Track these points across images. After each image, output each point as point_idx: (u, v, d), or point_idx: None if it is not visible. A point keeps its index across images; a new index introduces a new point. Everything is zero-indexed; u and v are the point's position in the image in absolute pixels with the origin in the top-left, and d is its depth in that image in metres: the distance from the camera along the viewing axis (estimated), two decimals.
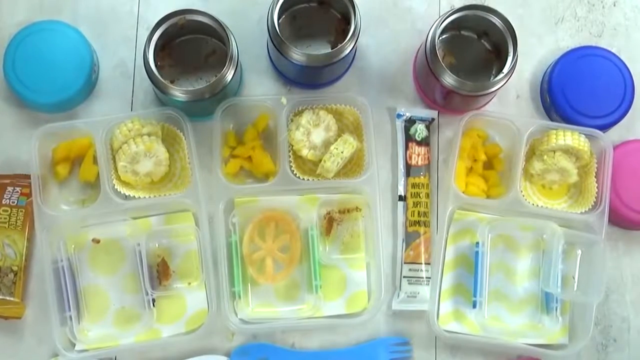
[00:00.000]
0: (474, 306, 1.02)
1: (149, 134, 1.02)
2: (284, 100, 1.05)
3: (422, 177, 1.06)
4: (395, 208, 1.07)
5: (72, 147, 1.04)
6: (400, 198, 1.07)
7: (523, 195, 1.05)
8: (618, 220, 1.07)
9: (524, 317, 1.05)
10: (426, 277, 1.04)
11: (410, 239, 1.05)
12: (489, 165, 1.08)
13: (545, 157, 1.05)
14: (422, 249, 1.05)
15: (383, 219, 1.05)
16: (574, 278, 1.05)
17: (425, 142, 1.08)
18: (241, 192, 1.04)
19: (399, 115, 1.08)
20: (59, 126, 1.04)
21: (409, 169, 1.07)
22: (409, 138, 1.08)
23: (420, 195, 1.06)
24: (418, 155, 1.07)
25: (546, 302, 1.05)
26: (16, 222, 1.03)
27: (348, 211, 1.05)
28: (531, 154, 1.07)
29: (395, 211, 1.07)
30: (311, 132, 1.04)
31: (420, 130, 1.07)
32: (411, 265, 1.05)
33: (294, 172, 1.04)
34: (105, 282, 1.03)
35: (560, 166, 1.05)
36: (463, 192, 1.05)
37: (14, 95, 1.06)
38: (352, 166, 1.06)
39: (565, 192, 1.09)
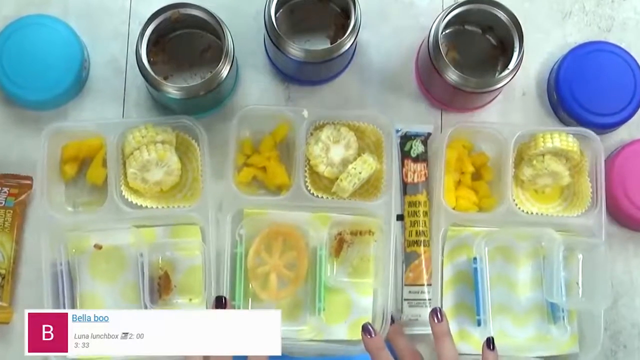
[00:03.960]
0: (479, 324, 1.02)
1: (162, 142, 1.01)
2: (305, 112, 1.03)
3: (419, 194, 1.06)
4: (394, 227, 1.06)
5: (82, 147, 1.05)
6: (398, 217, 1.07)
7: (516, 204, 1.05)
8: (627, 221, 1.08)
9: (530, 329, 1.05)
10: (428, 299, 1.04)
11: (409, 260, 1.05)
12: (477, 175, 1.08)
13: (534, 162, 1.05)
14: (423, 269, 1.05)
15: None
16: (578, 284, 1.06)
17: (421, 158, 1.07)
18: (251, 203, 1.04)
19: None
20: (70, 126, 1.05)
21: (405, 187, 1.07)
22: (404, 155, 1.07)
23: (418, 214, 1.06)
24: (414, 172, 1.07)
25: (552, 312, 1.05)
26: (4, 224, 1.03)
27: (360, 234, 1.05)
28: (520, 159, 1.07)
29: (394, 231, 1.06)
30: (330, 148, 1.04)
31: (415, 146, 1.07)
32: (411, 287, 1.05)
33: (308, 188, 1.03)
34: (103, 290, 1.03)
35: (551, 169, 1.05)
36: (454, 208, 1.05)
37: (1, 92, 1.07)
38: (369, 187, 1.06)
39: (559, 195, 1.09)
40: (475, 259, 1.04)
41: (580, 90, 1.08)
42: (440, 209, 1.04)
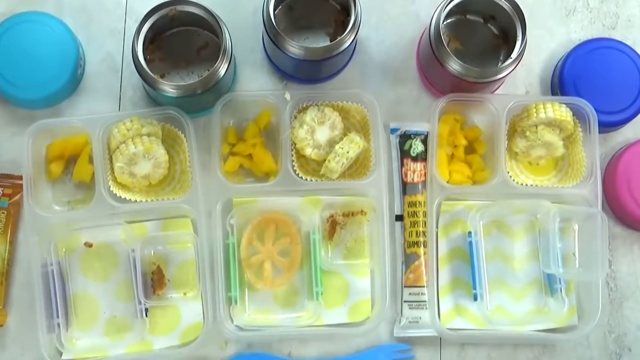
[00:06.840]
0: (475, 299, 1.04)
1: (148, 135, 1.03)
2: (287, 95, 1.06)
3: (419, 194, 1.07)
4: (393, 228, 1.09)
5: (68, 145, 1.06)
6: (398, 218, 1.08)
7: (510, 176, 1.07)
8: (632, 222, 1.10)
9: (528, 302, 1.07)
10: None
11: (409, 261, 1.07)
12: (470, 149, 1.10)
13: (527, 133, 1.07)
14: (423, 270, 1.06)
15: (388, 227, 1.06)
16: (574, 255, 1.07)
17: (421, 157, 1.08)
18: (240, 191, 1.06)
19: (393, 130, 1.10)
20: (54, 122, 1.05)
21: (404, 187, 1.08)
22: (404, 154, 1.09)
23: (418, 214, 1.07)
24: (413, 171, 1.08)
25: (549, 284, 1.07)
26: None
27: (352, 214, 1.07)
28: (513, 131, 1.09)
29: (393, 232, 1.08)
30: (315, 130, 1.05)
31: (415, 145, 1.08)
32: (411, 289, 1.06)
33: (297, 172, 1.05)
34: (96, 289, 1.04)
35: (544, 140, 1.06)
36: (447, 182, 1.06)
37: None
38: (358, 167, 1.08)
39: (554, 166, 1.11)
40: (470, 232, 1.05)
41: (585, 88, 1.09)
42: (434, 183, 1.06)
